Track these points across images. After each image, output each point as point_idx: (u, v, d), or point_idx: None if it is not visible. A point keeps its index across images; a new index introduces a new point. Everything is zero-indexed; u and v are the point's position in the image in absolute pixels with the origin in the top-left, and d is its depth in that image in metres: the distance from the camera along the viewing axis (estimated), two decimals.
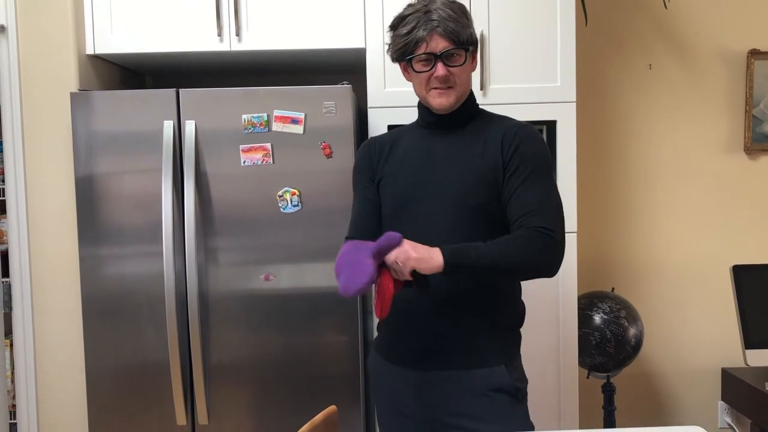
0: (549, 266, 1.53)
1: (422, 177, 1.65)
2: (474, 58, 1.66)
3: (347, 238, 1.73)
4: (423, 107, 1.71)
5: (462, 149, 1.65)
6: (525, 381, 1.70)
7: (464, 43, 1.58)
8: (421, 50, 1.57)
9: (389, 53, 1.65)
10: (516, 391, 1.63)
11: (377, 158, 1.74)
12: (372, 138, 1.81)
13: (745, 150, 3.07)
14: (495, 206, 1.61)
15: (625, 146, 3.09)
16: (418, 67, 1.60)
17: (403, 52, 1.60)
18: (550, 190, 1.59)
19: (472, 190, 1.60)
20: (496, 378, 1.61)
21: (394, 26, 1.62)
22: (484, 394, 1.60)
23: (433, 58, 1.57)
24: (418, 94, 1.68)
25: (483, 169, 1.61)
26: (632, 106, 3.07)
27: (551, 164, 1.64)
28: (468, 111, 1.69)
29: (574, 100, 2.45)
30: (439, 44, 1.56)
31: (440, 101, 1.62)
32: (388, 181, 1.70)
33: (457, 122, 1.68)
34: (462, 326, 1.62)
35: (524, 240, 1.51)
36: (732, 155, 3.08)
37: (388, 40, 1.65)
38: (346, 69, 2.90)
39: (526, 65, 2.45)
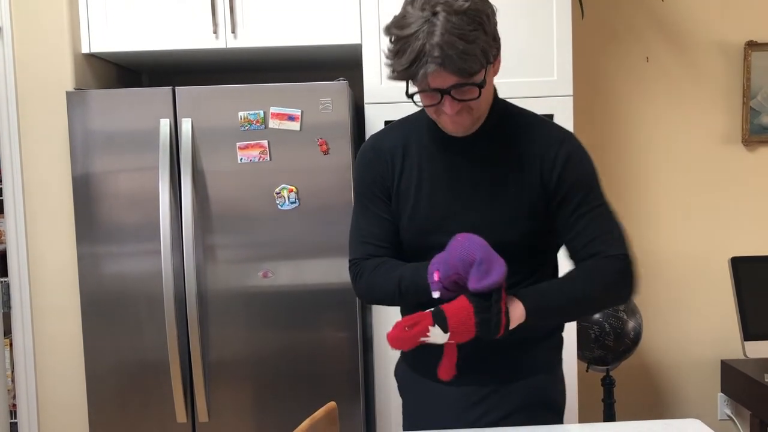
0: (630, 293, 1.40)
1: (447, 208, 1.41)
2: (495, 64, 1.33)
3: (359, 259, 1.50)
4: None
5: (491, 169, 1.40)
6: (564, 390, 1.58)
7: (475, 74, 1.26)
8: (424, 86, 1.28)
9: (388, 71, 1.34)
10: (555, 404, 1.52)
11: (390, 172, 1.46)
12: (375, 142, 1.51)
13: (743, 142, 3.07)
14: (536, 237, 1.41)
15: (622, 139, 3.08)
16: (423, 100, 1.33)
17: (403, 80, 1.31)
18: (607, 210, 1.40)
19: (510, 225, 1.38)
20: (537, 392, 1.48)
21: (390, 49, 1.31)
22: (522, 410, 1.46)
23: (438, 93, 1.28)
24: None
25: (521, 199, 1.38)
26: (629, 99, 3.07)
27: (598, 176, 1.43)
28: (492, 122, 1.40)
29: (571, 93, 2.44)
30: (446, 80, 1.25)
31: (454, 129, 1.37)
32: (404, 207, 1.45)
33: (479, 138, 1.41)
34: (498, 339, 1.36)
35: (602, 271, 1.36)
36: (730, 147, 3.08)
37: (384, 48, 1.34)
38: (342, 65, 2.89)
39: (523, 59, 2.44)
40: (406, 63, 1.25)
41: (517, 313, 1.30)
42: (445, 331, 1.26)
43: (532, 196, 1.38)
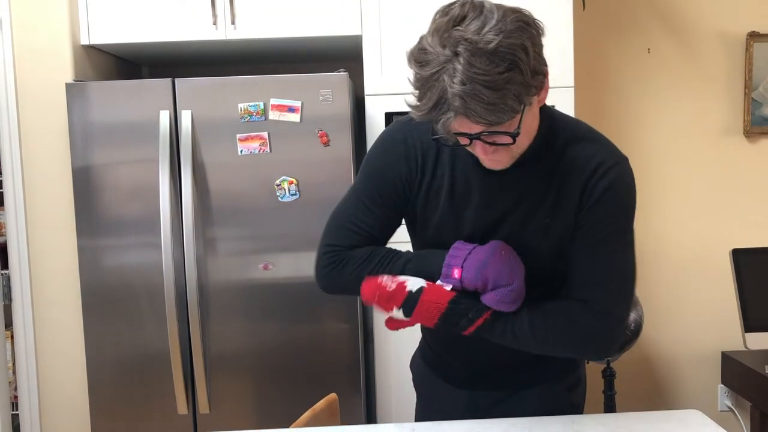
0: (598, 354, 1.28)
1: (475, 227, 1.29)
2: (541, 93, 1.14)
3: (342, 248, 1.35)
4: None
5: (527, 195, 1.26)
6: (584, 393, 1.51)
7: (506, 122, 1.08)
8: (448, 133, 1.11)
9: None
10: (572, 408, 1.46)
11: (417, 175, 1.30)
12: (409, 135, 1.30)
13: (744, 133, 3.06)
14: (563, 263, 1.31)
15: (623, 131, 3.07)
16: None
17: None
18: (624, 258, 1.28)
19: (538, 255, 1.28)
20: (552, 396, 1.43)
21: (413, 83, 1.11)
22: (540, 416, 1.42)
23: (468, 137, 1.12)
24: None
25: (552, 230, 1.26)
26: (631, 90, 3.06)
27: (633, 213, 1.31)
28: (536, 146, 1.24)
29: (572, 85, 2.44)
30: (473, 127, 1.09)
31: (490, 165, 1.21)
32: (429, 215, 1.32)
33: (519, 164, 1.24)
34: (510, 350, 1.31)
35: (577, 328, 1.25)
36: (731, 139, 3.07)
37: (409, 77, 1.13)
38: (342, 56, 2.89)
39: None
40: (426, 107, 1.07)
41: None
42: (407, 317, 1.24)
43: (566, 226, 1.25)
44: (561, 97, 2.43)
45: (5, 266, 2.56)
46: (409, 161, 1.30)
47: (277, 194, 2.32)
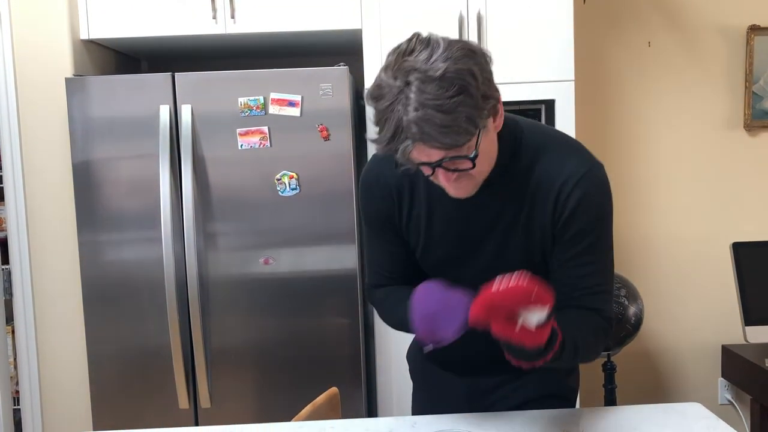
0: (600, 353, 1.35)
1: (459, 248, 1.34)
2: (496, 119, 1.17)
3: (374, 286, 1.46)
4: None
5: (503, 210, 1.30)
6: (578, 378, 1.54)
7: (464, 145, 1.10)
8: (409, 162, 1.13)
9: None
10: (569, 392, 1.50)
11: (397, 210, 1.36)
12: (381, 176, 1.36)
13: (744, 127, 3.05)
14: (547, 270, 1.33)
15: (624, 125, 3.07)
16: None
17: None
18: (607, 260, 1.31)
19: (523, 266, 1.24)
20: (548, 383, 1.46)
21: (374, 119, 1.14)
22: (535, 400, 1.45)
23: (428, 166, 1.14)
24: None
25: (533, 240, 1.29)
26: (631, 84, 3.05)
27: (610, 218, 1.31)
28: (503, 161, 1.26)
29: (573, 78, 2.43)
30: (431, 155, 1.11)
31: (455, 194, 1.23)
32: (414, 242, 1.38)
33: (490, 181, 1.26)
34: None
35: (602, 336, 1.29)
36: (732, 132, 3.07)
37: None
38: (342, 50, 2.88)
39: (524, 44, 2.43)
40: (385, 139, 1.10)
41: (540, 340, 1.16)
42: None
43: (545, 235, 1.29)
44: (561, 90, 2.43)
45: (6, 261, 2.56)
46: (386, 199, 1.36)
47: (278, 189, 2.32)
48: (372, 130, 1.15)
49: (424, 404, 1.58)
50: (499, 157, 1.24)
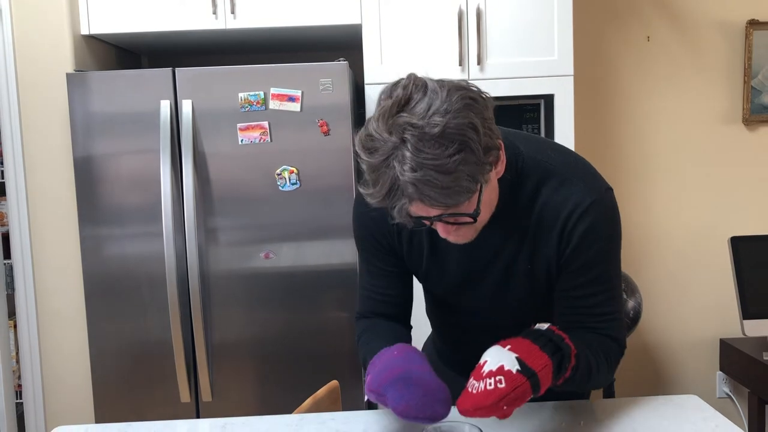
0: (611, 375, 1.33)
1: (462, 278, 1.31)
2: (497, 166, 1.10)
3: (363, 316, 1.42)
4: None
5: (506, 241, 1.25)
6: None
7: (463, 203, 1.05)
8: (406, 219, 1.07)
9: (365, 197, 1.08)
10: (578, 394, 1.49)
11: (395, 238, 1.32)
12: (368, 206, 1.17)
13: (743, 121, 3.06)
14: (544, 300, 1.32)
15: (623, 119, 3.08)
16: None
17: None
18: (615, 289, 1.27)
19: (528, 296, 1.29)
20: (561, 384, 1.48)
21: (364, 172, 1.06)
22: (542, 399, 1.42)
23: (428, 220, 1.09)
24: None
25: (537, 271, 1.26)
26: (630, 78, 3.06)
27: (618, 245, 1.26)
28: (505, 193, 1.20)
29: (572, 73, 2.44)
30: (430, 211, 1.06)
31: (454, 240, 1.17)
32: (416, 269, 1.35)
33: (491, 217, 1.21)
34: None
35: (613, 363, 1.27)
36: (730, 127, 3.08)
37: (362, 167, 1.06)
38: (342, 45, 2.89)
39: (523, 39, 2.43)
40: (380, 195, 1.03)
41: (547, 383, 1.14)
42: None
43: (550, 266, 1.24)
44: (560, 84, 2.44)
45: (7, 256, 2.57)
46: (383, 225, 1.30)
47: (278, 184, 2.33)
48: (364, 184, 1.07)
49: None
50: (500, 194, 1.19)
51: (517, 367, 1.08)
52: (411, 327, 1.45)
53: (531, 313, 1.31)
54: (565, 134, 2.45)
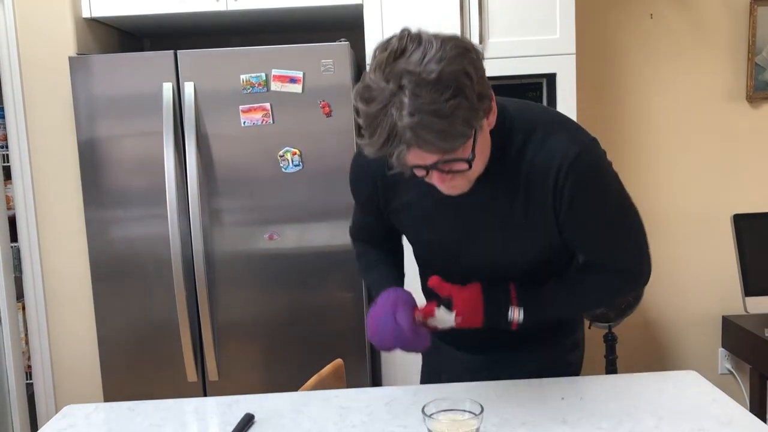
0: (628, 296, 1.43)
1: (454, 236, 1.34)
2: (489, 117, 1.15)
3: (354, 236, 1.61)
4: None
5: (498, 197, 1.27)
6: (582, 355, 1.56)
7: (459, 148, 1.09)
8: (403, 167, 1.11)
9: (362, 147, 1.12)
10: (570, 368, 1.52)
11: (383, 198, 1.38)
12: (370, 166, 1.35)
13: (747, 98, 3.05)
14: (554, 251, 1.35)
15: (626, 97, 3.07)
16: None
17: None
18: (624, 225, 1.32)
19: (524, 251, 1.32)
20: (551, 357, 1.49)
21: (360, 123, 1.09)
22: (537, 375, 1.47)
23: (423, 168, 1.13)
24: None
25: (533, 225, 1.27)
26: (633, 56, 3.05)
27: (616, 186, 1.30)
28: (495, 150, 1.24)
29: (574, 52, 2.43)
30: (427, 158, 1.09)
31: (448, 192, 1.21)
32: (406, 228, 1.41)
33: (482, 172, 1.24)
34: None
35: (601, 289, 1.37)
36: (734, 104, 3.07)
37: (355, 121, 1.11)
38: (343, 26, 2.88)
39: (525, 17, 2.42)
40: (378, 143, 1.06)
41: (515, 316, 1.33)
42: (450, 310, 1.32)
43: (547, 219, 1.26)
44: (562, 63, 2.43)
45: (15, 239, 2.60)
46: (369, 190, 1.39)
47: (281, 165, 2.34)
48: (361, 135, 1.10)
49: (429, 377, 1.63)
50: (491, 149, 1.22)
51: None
52: (400, 242, 1.58)
53: (522, 271, 1.35)
54: (567, 113, 2.43)
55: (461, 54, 1.05)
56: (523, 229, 1.28)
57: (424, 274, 1.50)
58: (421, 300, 1.41)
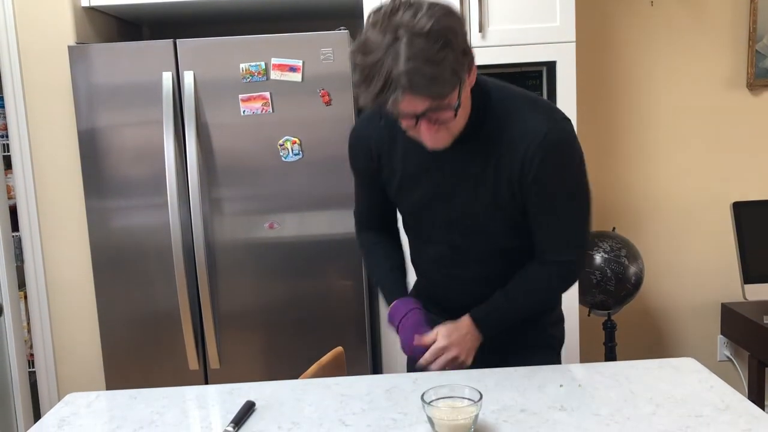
0: (564, 291, 1.55)
1: (432, 196, 1.46)
2: (470, 75, 1.29)
3: (359, 222, 1.70)
4: None
5: (473, 162, 1.40)
6: (563, 330, 1.67)
7: (448, 96, 1.21)
8: (395, 113, 1.23)
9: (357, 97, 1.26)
10: (553, 341, 1.62)
11: (376, 162, 1.51)
12: (363, 130, 1.52)
13: (747, 86, 3.05)
14: (519, 223, 1.45)
15: (625, 85, 3.07)
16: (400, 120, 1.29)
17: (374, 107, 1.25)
18: (574, 210, 1.42)
19: (491, 217, 1.43)
20: (532, 333, 1.58)
21: (357, 76, 1.22)
22: (523, 349, 1.57)
23: (413, 117, 1.25)
24: None
25: (501, 192, 1.39)
26: (633, 44, 3.04)
27: (577, 170, 1.41)
28: (474, 118, 1.37)
29: (574, 40, 2.43)
30: (418, 105, 1.21)
31: (432, 145, 1.33)
32: (390, 188, 1.53)
33: (464, 134, 1.38)
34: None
35: (545, 284, 1.49)
36: (734, 91, 3.06)
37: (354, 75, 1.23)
38: (342, 14, 2.87)
39: (525, 5, 2.42)
40: (374, 91, 1.18)
41: (476, 345, 1.50)
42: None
43: (513, 188, 1.38)
44: (562, 51, 2.43)
45: (16, 228, 2.61)
46: (366, 157, 1.52)
47: (281, 154, 2.34)
48: (357, 88, 1.23)
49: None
50: (469, 117, 1.36)
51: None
52: (397, 231, 1.70)
53: (497, 248, 1.48)
54: (567, 101, 2.45)
55: (447, 14, 1.20)
56: (492, 196, 1.40)
57: (414, 248, 1.62)
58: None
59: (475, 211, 1.43)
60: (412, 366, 1.71)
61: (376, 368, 2.62)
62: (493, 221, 1.43)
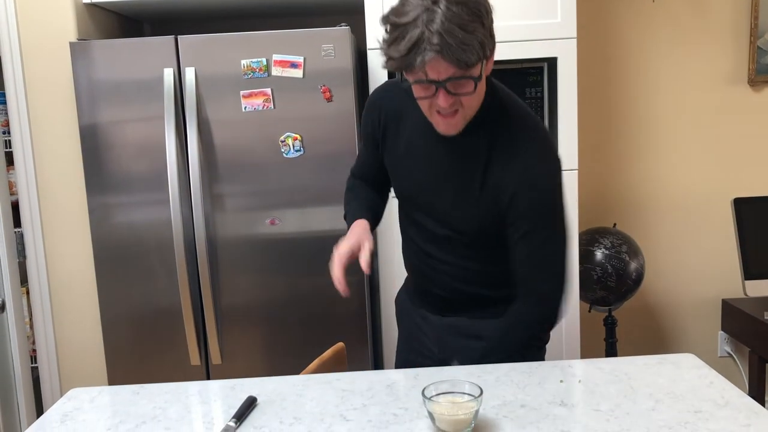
0: (547, 331, 1.56)
1: (422, 186, 1.51)
2: (490, 61, 1.34)
3: (352, 174, 1.79)
4: None
5: (466, 164, 1.44)
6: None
7: (472, 67, 1.26)
8: (420, 76, 1.27)
9: (382, 60, 1.32)
10: (534, 339, 1.60)
11: (381, 132, 1.57)
12: (382, 99, 1.57)
13: (748, 82, 3.04)
14: (493, 231, 1.48)
15: (627, 82, 3.07)
16: (417, 91, 1.33)
17: (398, 70, 1.31)
18: (552, 241, 1.44)
19: (468, 220, 1.47)
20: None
21: (386, 38, 1.28)
22: (504, 344, 1.55)
23: (434, 85, 1.29)
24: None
25: (483, 199, 1.44)
26: (634, 40, 3.04)
27: (559, 201, 1.44)
28: (481, 119, 1.42)
29: (575, 36, 2.42)
30: (442, 71, 1.25)
31: (444, 129, 1.39)
32: (388, 166, 1.59)
33: (467, 132, 1.42)
34: (479, 291, 1.58)
35: (525, 330, 1.51)
36: (736, 87, 3.06)
37: (379, 38, 1.31)
38: (344, 10, 2.87)
39: (526, 1, 2.41)
40: (404, 50, 1.23)
41: None
42: None
43: (495, 198, 1.42)
44: (563, 48, 2.42)
45: (18, 224, 2.61)
46: (374, 122, 1.57)
47: (282, 150, 2.35)
48: (385, 47, 1.28)
49: (404, 341, 1.77)
50: (479, 114, 1.40)
51: None
52: (386, 193, 1.75)
53: (476, 243, 1.50)
54: (568, 97, 2.45)
55: None
56: (476, 195, 1.44)
57: (402, 229, 1.67)
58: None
59: (458, 207, 1.47)
60: (401, 363, 1.77)
61: (377, 364, 2.62)
62: (474, 220, 1.47)
